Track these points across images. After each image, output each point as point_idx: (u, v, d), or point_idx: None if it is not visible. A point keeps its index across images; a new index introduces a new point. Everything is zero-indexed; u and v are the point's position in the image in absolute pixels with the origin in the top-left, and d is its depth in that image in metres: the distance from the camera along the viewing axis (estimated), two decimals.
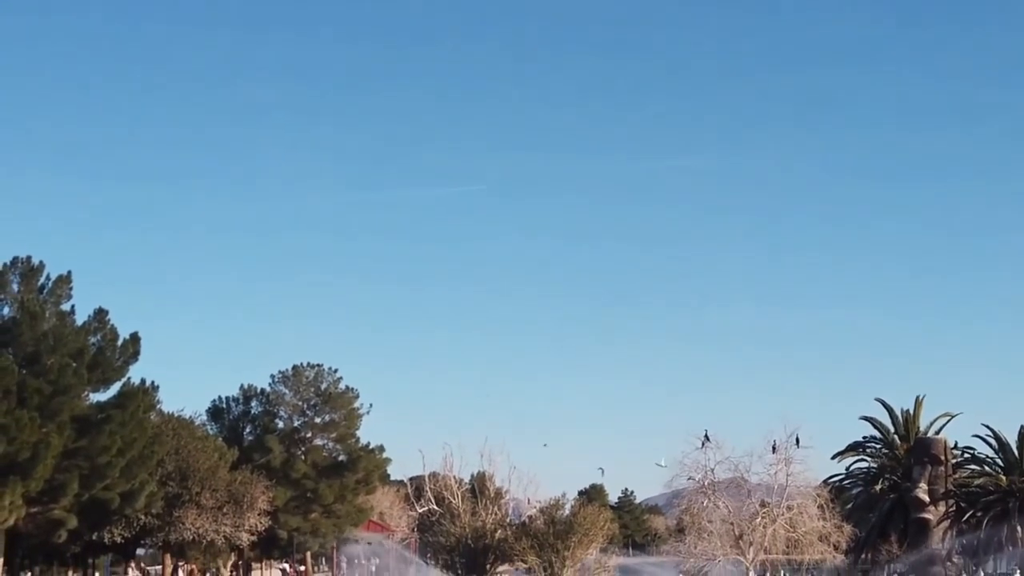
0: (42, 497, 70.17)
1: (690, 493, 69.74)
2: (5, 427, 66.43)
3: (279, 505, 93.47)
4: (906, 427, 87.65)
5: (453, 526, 58.86)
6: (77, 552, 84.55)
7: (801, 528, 67.40)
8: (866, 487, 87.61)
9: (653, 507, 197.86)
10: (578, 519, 56.74)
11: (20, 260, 76.16)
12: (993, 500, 77.01)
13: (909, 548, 74.64)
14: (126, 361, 77.04)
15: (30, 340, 72.40)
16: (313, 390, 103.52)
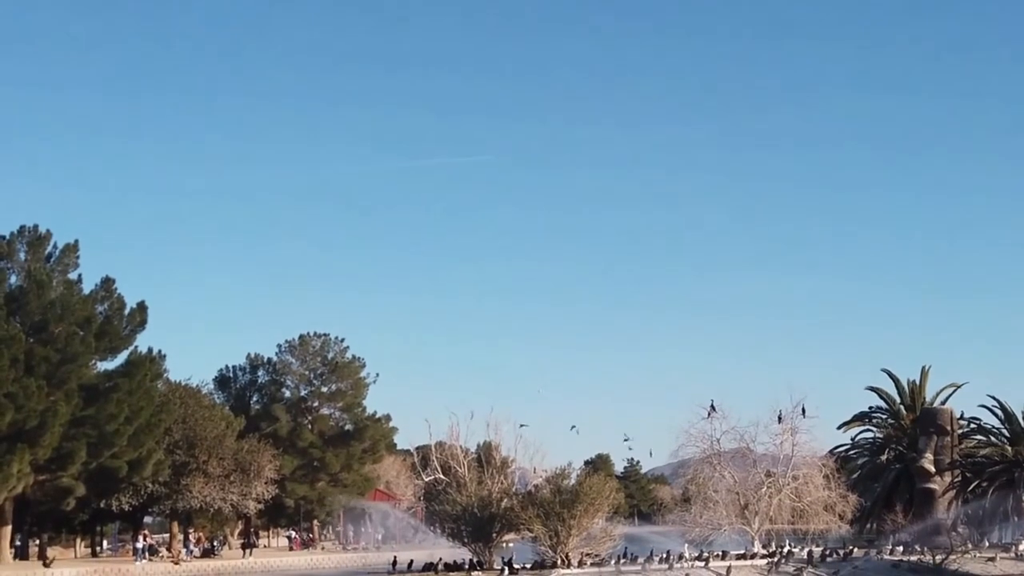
0: (50, 465, 70.62)
1: (695, 463, 69.73)
2: (13, 395, 66.78)
3: (286, 474, 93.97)
4: (912, 397, 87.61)
5: (459, 495, 58.91)
6: (85, 520, 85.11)
7: (807, 498, 67.45)
8: (872, 457, 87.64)
9: (659, 477, 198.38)
10: (584, 488, 56.73)
11: (27, 229, 76.40)
12: (999, 470, 77.05)
13: (914, 518, 74.69)
14: (133, 330, 77.37)
15: (37, 309, 72.68)
16: (320, 359, 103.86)
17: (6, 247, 75.26)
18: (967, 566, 62.74)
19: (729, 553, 60.24)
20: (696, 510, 67.58)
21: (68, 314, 73.41)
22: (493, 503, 57.97)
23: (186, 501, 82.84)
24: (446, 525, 60.35)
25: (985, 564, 63.16)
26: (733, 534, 66.44)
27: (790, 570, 57.48)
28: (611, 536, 59.04)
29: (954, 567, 62.33)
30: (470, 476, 60.11)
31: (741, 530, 66.37)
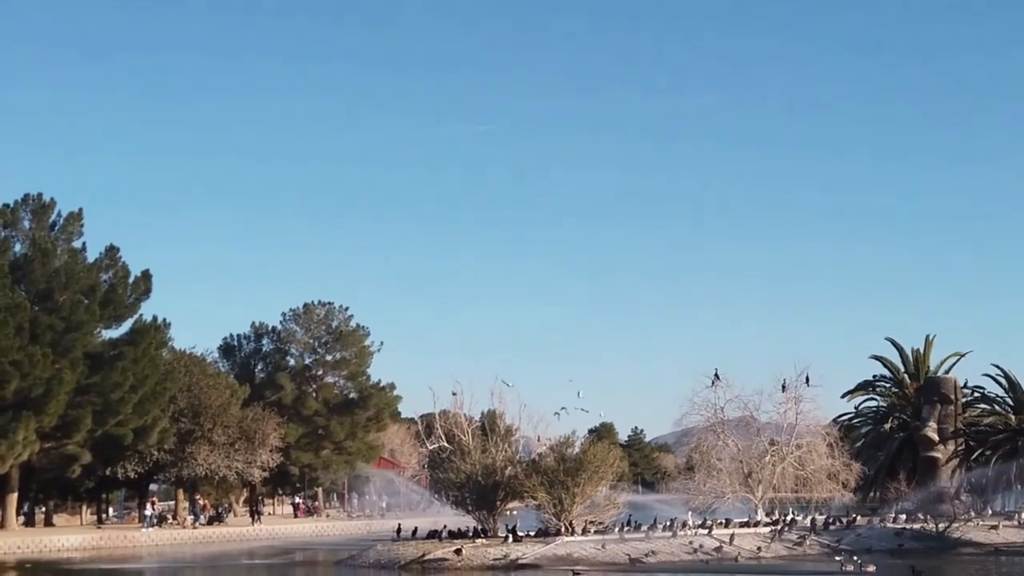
0: (55, 432, 70.87)
1: (699, 431, 69.82)
2: (18, 363, 66.93)
3: (290, 442, 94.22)
4: (916, 366, 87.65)
5: (463, 463, 58.98)
6: (91, 487, 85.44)
7: (810, 466, 67.55)
8: (875, 426, 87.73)
9: (662, 445, 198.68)
10: (588, 457, 56.79)
11: (31, 197, 76.36)
12: (1002, 439, 77.10)
13: (917, 486, 74.85)
14: (138, 298, 77.45)
15: (42, 277, 72.75)
16: (324, 328, 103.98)
17: (10, 215, 75.24)
18: (970, 534, 62.91)
19: (732, 521, 60.38)
20: (700, 478, 67.72)
21: (73, 282, 73.48)
22: (497, 471, 58.08)
23: (191, 469, 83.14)
24: (450, 493, 60.48)
25: (988, 532, 63.30)
26: (737, 502, 66.60)
27: (793, 538, 57.60)
28: (615, 504, 59.17)
29: (957, 535, 62.50)
30: (474, 444, 60.20)
31: (744, 498, 66.52)
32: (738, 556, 52.67)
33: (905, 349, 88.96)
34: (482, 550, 51.61)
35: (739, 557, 52.54)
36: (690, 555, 52.48)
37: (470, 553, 50.93)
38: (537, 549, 51.49)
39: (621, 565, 49.37)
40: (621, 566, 49.10)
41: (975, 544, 61.09)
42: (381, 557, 52.15)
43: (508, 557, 50.26)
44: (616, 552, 51.59)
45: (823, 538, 58.71)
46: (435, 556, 50.64)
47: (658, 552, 52.32)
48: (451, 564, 49.73)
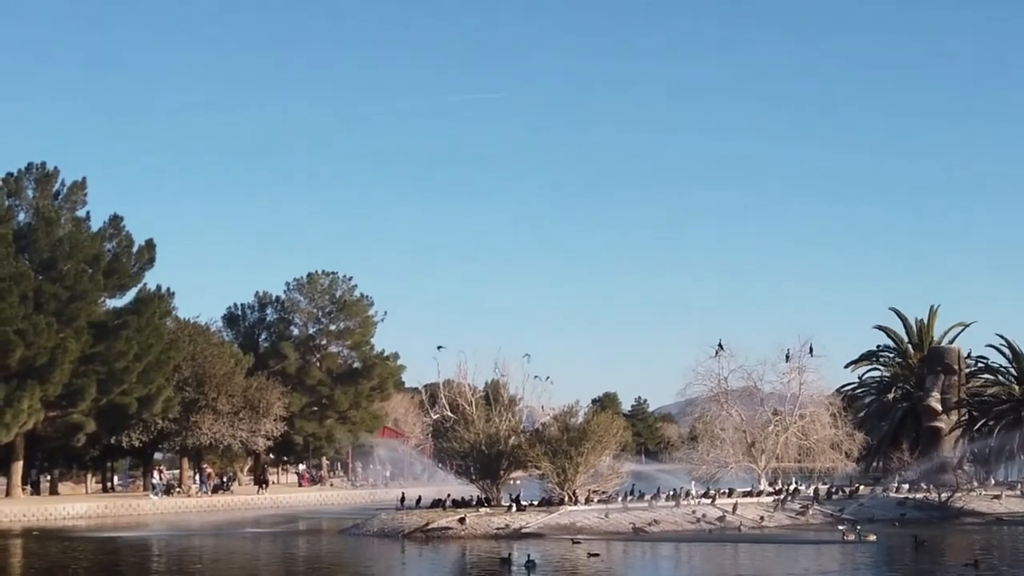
0: (60, 401, 70.98)
1: (703, 401, 69.96)
2: (23, 332, 66.97)
3: (295, 411, 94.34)
4: (920, 336, 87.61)
5: (467, 432, 59.06)
6: (96, 456, 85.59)
7: (813, 436, 67.69)
8: (879, 396, 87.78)
9: (666, 415, 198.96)
10: (591, 426, 56.83)
11: (35, 166, 76.17)
12: (1005, 409, 77.15)
13: (920, 456, 74.96)
14: (142, 267, 77.39)
15: (46, 246, 72.70)
16: (328, 297, 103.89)
17: (14, 184, 75.10)
18: (972, 504, 63.06)
19: (735, 491, 60.52)
20: (703, 448, 67.86)
21: (77, 251, 73.44)
22: (501, 441, 58.17)
23: (196, 438, 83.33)
24: (454, 462, 60.60)
25: (990, 502, 63.46)
26: (740, 472, 66.74)
27: (796, 507, 57.76)
28: (618, 474, 59.28)
29: (959, 505, 62.66)
30: (478, 414, 60.27)
31: (748, 468, 66.65)
32: (741, 525, 52.81)
33: (909, 319, 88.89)
34: (485, 519, 51.75)
35: (742, 526, 52.67)
36: (693, 524, 52.61)
37: (473, 522, 51.06)
38: (540, 518, 51.63)
39: (624, 534, 49.50)
40: (624, 535, 49.23)
41: (977, 514, 61.26)
42: (385, 526, 52.31)
43: (511, 526, 50.39)
44: (619, 521, 51.73)
45: (826, 508, 58.85)
46: (439, 525, 50.77)
47: (661, 521, 52.46)
48: (455, 533, 49.86)
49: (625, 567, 39.41)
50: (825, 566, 38.02)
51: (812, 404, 68.39)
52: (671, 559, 42.59)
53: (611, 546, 44.96)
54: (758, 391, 69.33)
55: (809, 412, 67.92)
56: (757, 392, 69.29)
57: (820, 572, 36.19)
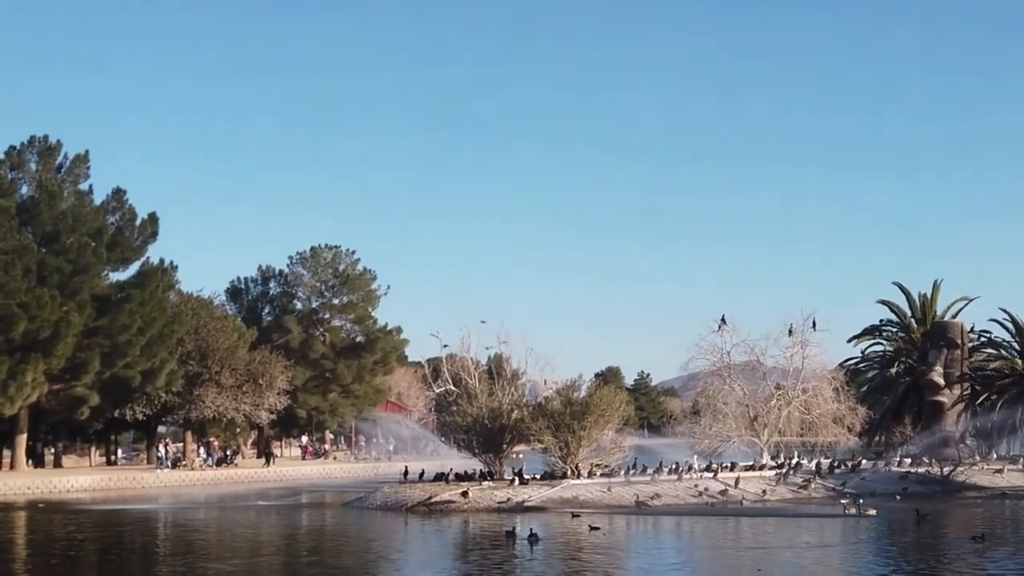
0: (64, 374, 71.16)
1: (706, 376, 70.01)
2: (26, 305, 67.05)
3: (298, 385, 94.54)
4: (923, 311, 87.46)
5: (470, 406, 59.13)
6: (99, 429, 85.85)
7: (816, 410, 67.76)
8: (881, 370, 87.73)
9: (669, 390, 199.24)
10: (594, 400, 56.82)
11: (37, 139, 76.17)
12: (1008, 383, 77.12)
13: (923, 430, 74.96)
14: (144, 241, 77.45)
15: (49, 219, 72.73)
16: (331, 271, 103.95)
17: (16, 157, 75.08)
18: (974, 478, 63.16)
19: (738, 464, 60.63)
20: (706, 422, 67.95)
21: (79, 225, 73.46)
22: (503, 414, 58.24)
23: (199, 411, 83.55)
24: (457, 436, 60.72)
25: (993, 476, 63.56)
26: (742, 446, 66.84)
27: (798, 481, 57.86)
28: (621, 447, 59.35)
29: (962, 479, 62.75)
30: (481, 388, 60.32)
31: (750, 442, 66.76)
32: (743, 499, 52.92)
33: (912, 294, 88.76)
34: (488, 492, 51.87)
35: (744, 500, 52.78)
36: (695, 498, 52.72)
37: (476, 495, 51.19)
38: (543, 492, 51.76)
39: (627, 508, 49.61)
40: (626, 509, 49.34)
41: (979, 488, 61.36)
42: (388, 499, 52.44)
43: (514, 500, 50.51)
44: (622, 495, 51.83)
45: (828, 482, 58.96)
46: (441, 498, 50.91)
47: (663, 495, 52.58)
48: (457, 506, 49.99)
49: (627, 540, 39.50)
50: (827, 539, 38.12)
51: (815, 378, 68.44)
52: (673, 532, 42.70)
53: (613, 520, 45.06)
54: (761, 365, 69.39)
55: (812, 386, 67.97)
56: (760, 366, 69.35)
57: (822, 545, 36.27)
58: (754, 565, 30.67)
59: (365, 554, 36.62)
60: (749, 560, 32.59)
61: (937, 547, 35.71)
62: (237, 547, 38.90)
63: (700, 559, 34.48)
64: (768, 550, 34.88)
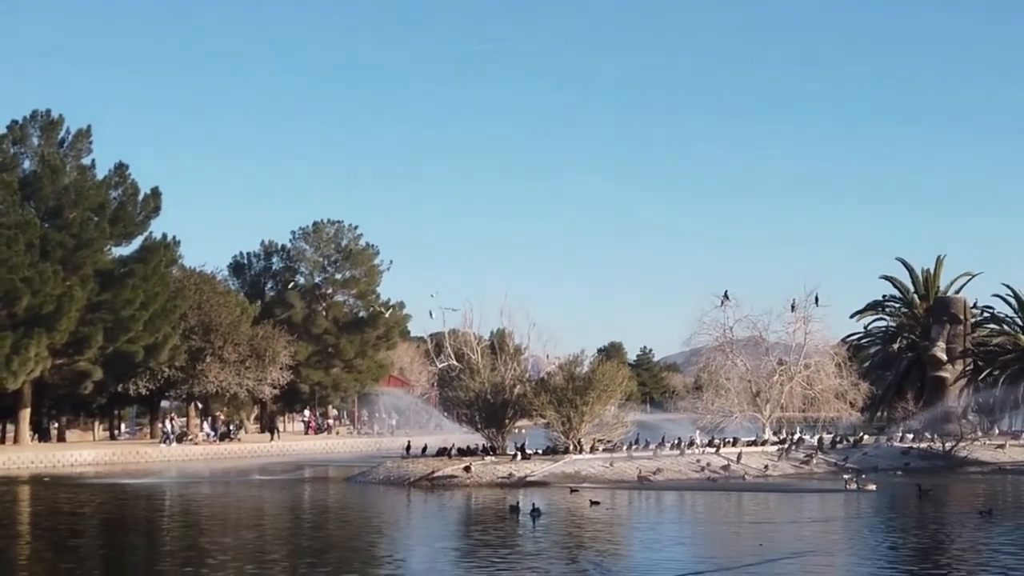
0: (67, 349, 71.29)
1: (708, 351, 70.08)
2: (29, 280, 67.12)
3: (301, 360, 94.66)
4: (926, 286, 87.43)
5: (472, 381, 59.16)
6: (103, 403, 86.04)
7: (818, 386, 67.84)
8: (884, 346, 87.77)
9: (671, 365, 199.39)
10: (596, 375, 56.84)
11: (40, 114, 76.07)
12: (1011, 359, 77.20)
13: (925, 406, 75.00)
14: (147, 216, 77.48)
15: (51, 194, 72.75)
16: (334, 246, 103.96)
17: (19, 132, 75.02)
18: (976, 453, 63.27)
19: (740, 440, 60.73)
20: (708, 398, 68.05)
21: (82, 199, 73.45)
22: (506, 389, 58.29)
23: (202, 386, 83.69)
24: (459, 411, 60.74)
25: (995, 451, 63.68)
26: (744, 421, 66.95)
27: (800, 456, 57.96)
28: (623, 423, 59.43)
29: (963, 454, 62.85)
30: (483, 363, 60.36)
31: (752, 417, 66.86)
32: (745, 474, 53.01)
33: (915, 269, 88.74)
34: (491, 467, 51.98)
35: (746, 475, 52.88)
36: (697, 473, 52.81)
37: (479, 470, 51.31)
38: (545, 467, 51.86)
39: (629, 483, 49.70)
40: (629, 484, 49.43)
41: (981, 463, 61.49)
42: (391, 474, 52.57)
43: (516, 475, 50.61)
44: (624, 470, 51.93)
45: (830, 457, 59.07)
46: (444, 473, 51.02)
47: (665, 470, 52.67)
48: (460, 481, 50.10)
49: (630, 515, 39.61)
50: (829, 514, 38.21)
51: (817, 354, 68.51)
52: (675, 507, 42.81)
53: (615, 494, 45.17)
54: (763, 341, 69.48)
55: (814, 362, 68.04)
56: (762, 342, 69.44)
57: (824, 520, 36.37)
58: (756, 540, 30.75)
59: (368, 528, 36.74)
60: (751, 534, 32.68)
61: (943, 522, 35.79)
62: (241, 521, 39.05)
63: (702, 533, 34.59)
64: (770, 525, 34.97)
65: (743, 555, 28.05)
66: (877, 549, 29.47)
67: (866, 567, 26.11)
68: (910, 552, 29.31)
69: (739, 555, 28.27)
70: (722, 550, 30.14)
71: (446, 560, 28.18)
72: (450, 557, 28.88)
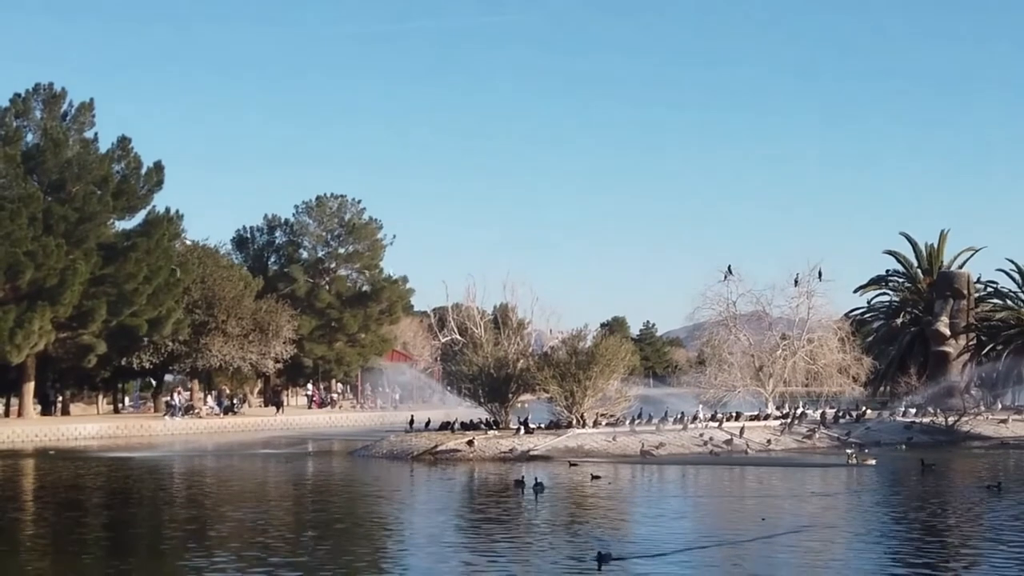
0: (71, 323, 71.41)
1: (711, 326, 70.05)
2: (32, 253, 67.19)
3: (304, 334, 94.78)
4: (929, 261, 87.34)
5: (476, 356, 59.23)
6: (107, 377, 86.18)
7: (821, 361, 67.82)
8: (887, 320, 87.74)
9: (674, 340, 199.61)
10: (600, 350, 56.89)
11: (42, 87, 75.92)
12: (1014, 333, 77.16)
13: (928, 380, 75.01)
14: (150, 189, 77.47)
15: (54, 167, 72.71)
16: (337, 220, 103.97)
17: (22, 105, 74.89)
18: (979, 428, 63.31)
19: (743, 414, 60.77)
20: (711, 372, 68.09)
21: (85, 173, 73.41)
22: (509, 364, 58.33)
23: (206, 360, 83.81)
24: (463, 385, 60.82)
25: (997, 426, 63.70)
26: (747, 396, 67.00)
27: (803, 431, 58.02)
28: (626, 397, 59.51)
29: (966, 429, 62.90)
30: (487, 337, 60.40)
31: (755, 392, 66.90)
32: (747, 449, 53.08)
33: (919, 244, 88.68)
34: (494, 442, 52.08)
35: (749, 450, 52.95)
36: (700, 447, 52.88)
37: (482, 444, 51.42)
38: (548, 441, 51.93)
39: (631, 457, 49.79)
40: (631, 458, 49.52)
41: (984, 438, 61.52)
42: (394, 448, 52.68)
43: (519, 449, 50.70)
44: (627, 444, 52.00)
45: (832, 431, 59.11)
46: (447, 447, 51.13)
47: (668, 444, 52.73)
48: (463, 455, 50.21)
49: (633, 489, 39.72)
50: (831, 488, 38.29)
51: (820, 328, 68.49)
52: (677, 481, 42.91)
53: (618, 469, 45.28)
54: (766, 315, 69.47)
55: (817, 336, 68.03)
56: (765, 316, 69.44)
57: (825, 494, 36.45)
58: (758, 513, 30.84)
59: (372, 501, 36.86)
60: (753, 508, 32.78)
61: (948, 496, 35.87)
62: (246, 493, 39.20)
63: (704, 507, 34.67)
64: (772, 498, 35.06)
65: (745, 529, 28.13)
66: (879, 523, 29.55)
67: (868, 541, 26.18)
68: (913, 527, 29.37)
69: (741, 529, 28.35)
70: (724, 524, 30.21)
71: (450, 533, 28.28)
72: (454, 530, 28.99)
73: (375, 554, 25.73)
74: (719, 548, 25.25)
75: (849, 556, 24.24)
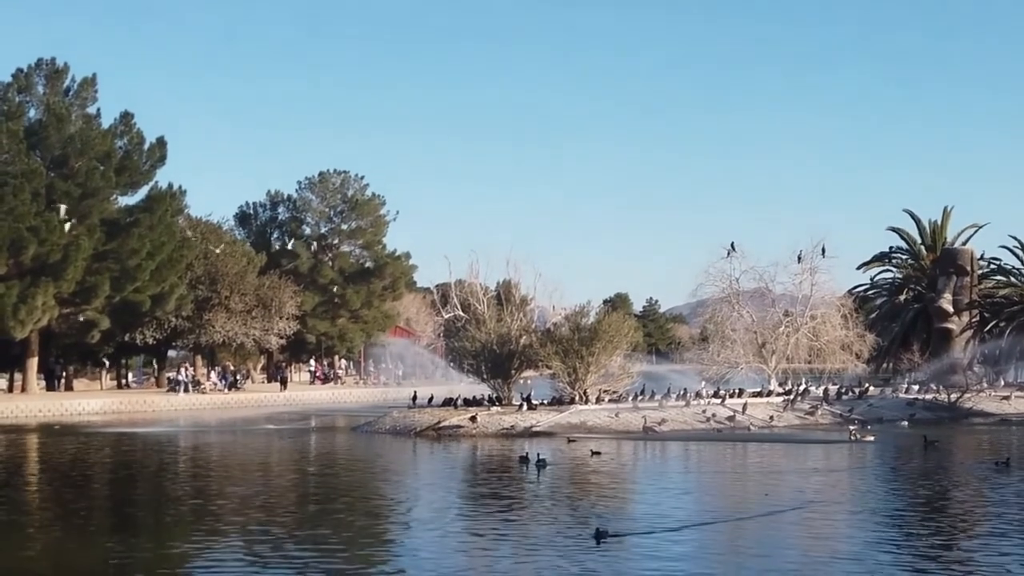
0: (74, 298, 71.50)
1: (714, 302, 69.95)
2: (35, 229, 67.21)
3: (307, 310, 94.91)
4: (933, 238, 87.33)
5: (479, 332, 59.26)
6: (110, 353, 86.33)
7: (824, 337, 67.79)
8: (890, 297, 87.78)
9: (677, 316, 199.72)
10: (602, 326, 56.92)
11: (45, 62, 75.79)
12: (1017, 310, 77.15)
13: (931, 357, 75.04)
14: (153, 165, 77.42)
15: (57, 143, 72.67)
16: (340, 196, 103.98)
17: (24, 80, 74.77)
18: (981, 404, 63.37)
19: (745, 391, 60.80)
20: (714, 348, 68.07)
21: (88, 148, 73.35)
22: (512, 340, 58.34)
23: (209, 336, 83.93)
24: (465, 362, 60.83)
25: (1000, 403, 63.76)
26: (750, 372, 67.01)
27: (805, 407, 58.05)
28: (629, 373, 59.55)
29: (969, 405, 62.95)
30: (489, 313, 60.41)
31: (758, 368, 66.92)
32: (750, 425, 53.12)
33: (922, 221, 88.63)
34: (496, 418, 52.17)
35: (751, 426, 52.98)
36: (703, 424, 52.95)
37: (484, 420, 51.49)
38: (551, 417, 51.99)
39: (634, 433, 49.85)
40: (634, 434, 49.59)
41: (986, 414, 61.59)
42: (397, 424, 52.76)
43: (522, 425, 50.79)
44: (629, 420, 52.08)
45: (835, 408, 59.13)
46: (450, 423, 51.22)
47: (671, 421, 52.76)
48: (466, 431, 50.29)
49: (635, 465, 39.81)
50: (833, 464, 38.33)
51: (823, 305, 68.44)
52: (680, 457, 42.98)
53: (621, 445, 45.37)
54: (769, 292, 69.41)
55: (820, 313, 67.99)
56: (768, 293, 69.37)
57: (828, 470, 36.48)
58: (760, 489, 30.90)
59: (375, 476, 36.95)
60: (755, 484, 32.83)
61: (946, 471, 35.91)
62: (249, 468, 39.27)
63: (707, 483, 34.73)
64: (775, 474, 35.12)
65: (748, 505, 28.18)
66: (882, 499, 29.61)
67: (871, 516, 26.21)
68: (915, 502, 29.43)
69: (744, 505, 28.40)
70: (727, 500, 30.28)
71: (453, 508, 28.34)
72: (456, 505, 29.06)
73: (377, 529, 25.80)
74: (722, 524, 25.30)
75: (853, 532, 24.27)
